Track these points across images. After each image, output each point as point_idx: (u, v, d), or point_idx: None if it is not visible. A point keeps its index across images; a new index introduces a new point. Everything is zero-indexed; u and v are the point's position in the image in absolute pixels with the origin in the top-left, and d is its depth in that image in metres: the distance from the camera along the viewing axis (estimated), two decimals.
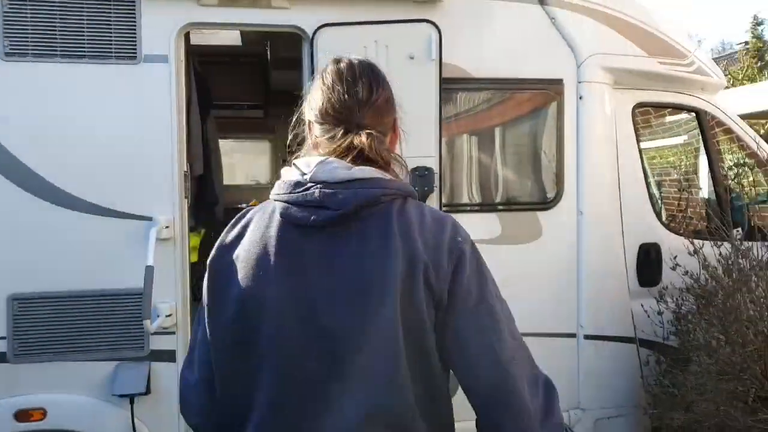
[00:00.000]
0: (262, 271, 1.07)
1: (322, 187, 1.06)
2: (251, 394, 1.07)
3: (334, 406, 1.03)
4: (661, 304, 2.96)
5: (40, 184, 2.48)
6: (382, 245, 1.06)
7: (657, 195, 3.39)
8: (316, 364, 1.04)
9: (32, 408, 2.47)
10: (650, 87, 3.23)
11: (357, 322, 1.02)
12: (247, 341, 1.07)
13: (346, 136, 1.13)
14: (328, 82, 1.18)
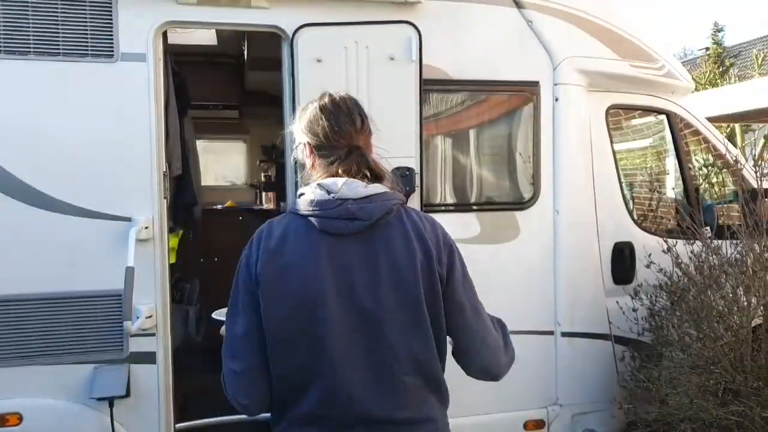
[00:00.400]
0: (313, 272, 1.37)
1: (350, 203, 1.38)
2: (314, 367, 1.36)
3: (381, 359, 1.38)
4: (636, 301, 3.04)
5: (14, 185, 2.43)
6: (404, 245, 1.42)
7: (630, 195, 3.48)
8: (361, 336, 1.38)
9: (7, 413, 2.42)
10: (623, 90, 3.32)
11: (392, 302, 1.39)
12: (305, 327, 1.36)
13: (349, 157, 1.45)
14: (327, 113, 1.48)
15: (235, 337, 1.42)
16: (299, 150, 1.53)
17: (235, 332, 1.42)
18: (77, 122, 2.50)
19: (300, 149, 1.53)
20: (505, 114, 3.10)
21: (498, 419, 3.03)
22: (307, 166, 1.53)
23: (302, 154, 1.54)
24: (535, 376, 3.10)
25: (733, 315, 2.59)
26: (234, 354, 1.42)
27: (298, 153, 1.55)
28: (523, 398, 3.08)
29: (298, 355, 1.38)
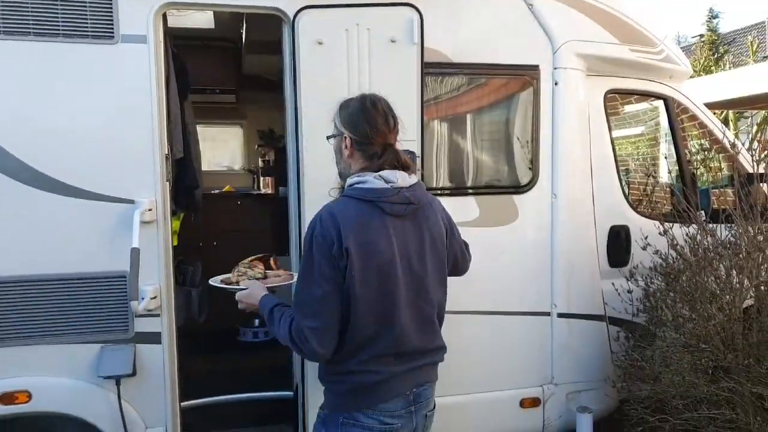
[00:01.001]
0: (387, 246, 1.79)
1: (405, 190, 1.83)
2: (390, 317, 1.81)
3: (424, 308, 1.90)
4: (631, 282, 3.09)
5: (18, 167, 2.44)
6: (436, 221, 1.96)
7: (626, 179, 3.52)
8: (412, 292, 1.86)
9: (16, 390, 2.45)
10: (621, 74, 3.34)
11: (431, 266, 1.91)
12: (384, 288, 1.79)
13: (385, 154, 1.85)
14: (367, 114, 1.85)
15: (313, 300, 1.74)
16: (337, 140, 1.91)
17: (314, 295, 1.74)
18: (79, 104, 2.50)
19: (338, 140, 1.90)
20: (505, 98, 3.12)
21: (496, 397, 3.10)
22: (344, 155, 1.89)
23: (340, 144, 1.90)
24: (531, 356, 3.17)
25: (726, 295, 2.66)
26: (314, 313, 1.75)
27: (335, 141, 1.93)
28: (519, 377, 3.15)
29: (378, 309, 1.79)
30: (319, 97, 2.61)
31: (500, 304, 3.10)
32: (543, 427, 3.19)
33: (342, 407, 1.86)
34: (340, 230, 1.73)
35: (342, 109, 1.90)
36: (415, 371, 1.89)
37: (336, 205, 1.81)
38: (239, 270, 2.28)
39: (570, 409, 3.18)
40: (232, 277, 2.26)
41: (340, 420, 1.84)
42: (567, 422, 3.20)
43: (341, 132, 1.88)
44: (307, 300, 1.76)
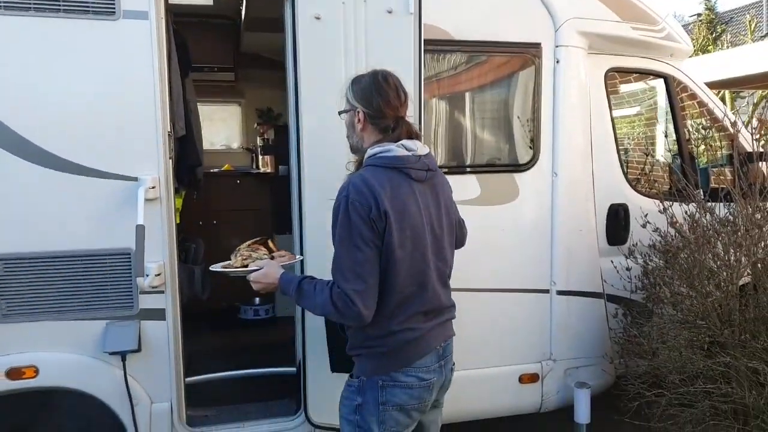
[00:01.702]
0: (416, 209, 1.91)
1: (424, 158, 1.96)
2: (423, 277, 1.94)
3: (442, 268, 2.05)
4: (630, 260, 3.13)
5: (23, 145, 2.43)
6: (446, 186, 2.14)
7: (625, 158, 3.54)
8: (434, 253, 1.99)
9: (24, 366, 2.48)
10: (622, 52, 3.34)
11: (446, 228, 2.06)
12: (419, 247, 1.92)
13: (398, 127, 1.95)
14: (380, 89, 1.94)
15: (356, 263, 1.81)
16: (350, 114, 1.99)
17: (356, 259, 1.81)
18: (80, 81, 2.48)
19: (351, 114, 1.99)
20: (506, 76, 3.12)
21: (495, 372, 3.16)
22: (356, 129, 1.98)
23: (353, 118, 1.98)
24: (530, 333, 3.21)
25: (723, 272, 2.70)
26: (357, 276, 1.81)
27: (347, 116, 2.01)
28: (518, 353, 3.20)
29: (414, 270, 1.90)
30: (318, 73, 2.61)
31: (500, 282, 3.14)
32: (541, 402, 3.25)
33: (381, 369, 1.92)
34: (375, 195, 1.82)
35: (354, 84, 1.98)
36: (441, 327, 2.05)
37: (365, 173, 1.88)
38: (242, 254, 2.22)
39: (568, 384, 3.23)
40: (235, 262, 2.20)
41: (379, 383, 1.92)
42: (565, 398, 3.26)
43: (354, 107, 1.97)
44: (348, 264, 1.81)
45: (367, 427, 1.94)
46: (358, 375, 1.97)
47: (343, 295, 1.80)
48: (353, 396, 1.96)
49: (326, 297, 1.82)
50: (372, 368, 1.94)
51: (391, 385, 1.92)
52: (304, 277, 1.96)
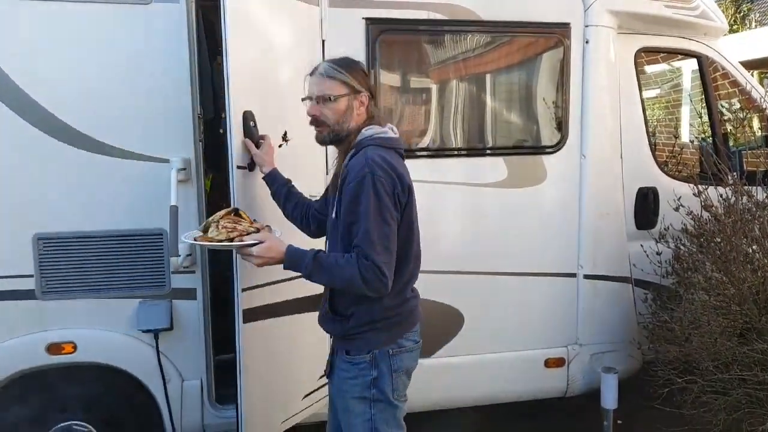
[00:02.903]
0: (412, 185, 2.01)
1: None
2: (420, 244, 2.08)
3: None
4: (660, 244, 3.08)
5: (61, 128, 2.50)
6: None
7: (657, 140, 3.47)
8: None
9: (63, 341, 2.57)
10: (654, 31, 3.26)
11: None
12: (417, 221, 2.05)
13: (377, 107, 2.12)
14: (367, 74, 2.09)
15: (385, 236, 1.86)
16: (348, 98, 1.98)
17: (385, 232, 1.86)
18: (114, 65, 2.53)
19: (349, 98, 1.98)
20: (535, 57, 3.08)
21: (521, 356, 3.15)
22: (354, 113, 1.99)
23: (352, 102, 1.98)
24: (556, 317, 3.20)
25: (760, 257, 2.63)
26: (385, 249, 1.87)
27: (343, 100, 1.97)
28: (544, 337, 3.19)
29: (419, 241, 2.05)
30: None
31: (526, 266, 3.12)
32: (567, 386, 3.24)
33: (392, 339, 2.01)
34: (397, 171, 1.91)
35: (352, 68, 2.00)
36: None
37: (377, 152, 1.91)
38: (224, 226, 1.98)
39: (594, 369, 3.21)
40: (218, 235, 1.97)
41: (389, 352, 1.99)
42: (591, 382, 3.24)
43: (358, 90, 1.99)
44: (379, 237, 1.85)
45: (385, 397, 1.99)
46: (368, 350, 1.98)
47: (374, 267, 1.83)
48: (366, 372, 1.98)
49: (355, 269, 1.83)
50: (386, 338, 1.99)
51: (398, 352, 2.01)
52: (317, 251, 1.93)
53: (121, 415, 2.77)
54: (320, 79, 1.99)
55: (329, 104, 1.97)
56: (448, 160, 2.97)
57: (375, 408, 1.99)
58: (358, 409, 2.00)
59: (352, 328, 1.99)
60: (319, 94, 1.98)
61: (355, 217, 1.86)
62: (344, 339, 2.03)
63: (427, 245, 2.88)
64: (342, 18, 2.73)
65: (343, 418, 2.05)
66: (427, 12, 2.84)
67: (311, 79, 2.03)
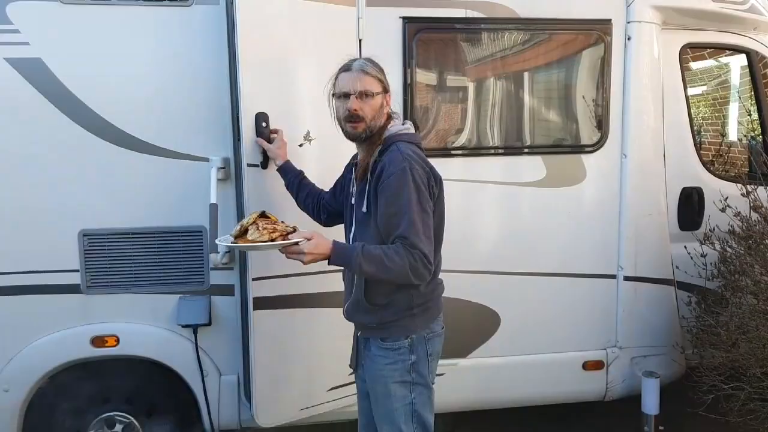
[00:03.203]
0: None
1: None
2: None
3: None
4: (705, 246, 2.98)
5: (104, 127, 2.57)
6: None
7: (701, 139, 3.36)
8: None
9: (106, 335, 2.65)
10: (700, 27, 3.16)
11: None
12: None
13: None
14: None
15: (427, 227, 1.93)
16: (381, 96, 2.04)
17: (427, 223, 1.94)
18: (156, 66, 2.60)
19: (382, 96, 2.04)
20: (574, 54, 3.02)
21: (558, 358, 3.10)
22: (383, 111, 2.04)
23: (382, 100, 2.04)
24: (595, 319, 3.13)
25: None
26: (429, 239, 1.94)
27: (379, 98, 2.03)
28: (583, 339, 3.12)
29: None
30: None
31: (565, 266, 3.07)
32: (606, 390, 3.17)
33: (426, 324, 2.09)
34: (429, 164, 2.00)
35: (382, 69, 2.07)
36: None
37: (407, 146, 1.99)
38: (265, 227, 1.97)
39: (635, 373, 3.13)
40: (261, 236, 1.95)
41: (425, 337, 2.08)
42: (631, 387, 3.16)
43: (387, 89, 2.07)
44: (423, 228, 1.91)
45: (424, 381, 2.08)
46: (405, 335, 2.05)
47: (421, 256, 1.90)
48: (405, 357, 2.05)
49: (406, 260, 1.88)
50: (421, 323, 2.07)
51: (431, 336, 2.10)
52: (362, 244, 1.94)
53: (162, 408, 2.84)
54: (359, 75, 2.00)
55: (369, 100, 1.99)
56: (486, 159, 2.94)
57: (415, 391, 2.06)
58: (400, 393, 2.05)
59: (389, 316, 2.05)
60: (362, 90, 1.99)
61: (396, 209, 1.90)
62: (379, 328, 2.07)
63: (463, 245, 2.91)
64: (379, 17, 2.73)
65: (384, 403, 2.08)
66: (465, 10, 2.81)
67: (346, 76, 2.02)
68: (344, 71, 2.03)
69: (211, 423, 2.81)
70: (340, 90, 2.04)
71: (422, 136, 2.82)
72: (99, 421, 2.78)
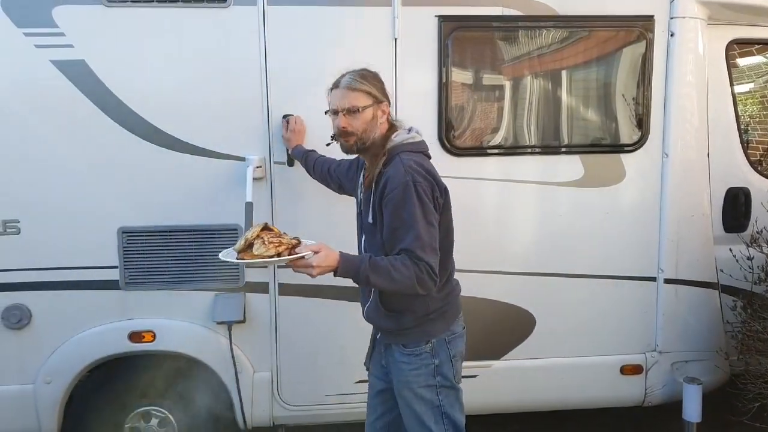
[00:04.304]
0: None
1: None
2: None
3: None
4: (752, 248, 2.87)
5: (144, 127, 2.62)
6: None
7: (749, 138, 3.24)
8: None
9: (144, 330, 2.70)
10: (748, 22, 3.05)
11: None
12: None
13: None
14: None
15: (433, 238, 1.95)
16: (373, 108, 2.04)
17: (432, 234, 1.95)
18: (195, 66, 2.63)
19: (374, 108, 2.05)
20: (614, 51, 2.94)
21: (595, 361, 3.03)
22: (377, 122, 2.05)
23: (376, 112, 2.05)
24: (634, 322, 3.05)
25: None
26: (433, 250, 1.96)
27: (368, 110, 2.04)
28: (621, 343, 3.05)
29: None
30: None
31: (603, 268, 3.00)
32: (645, 395, 3.08)
33: (446, 326, 2.13)
34: (433, 176, 2.02)
35: (371, 79, 2.07)
36: None
37: (410, 157, 2.01)
38: (270, 240, 1.89)
39: (675, 379, 3.04)
40: (268, 251, 1.86)
41: (445, 339, 2.12)
42: (672, 393, 3.07)
43: (381, 100, 2.06)
44: (428, 240, 1.93)
45: (449, 383, 2.12)
46: (426, 340, 2.09)
47: (428, 268, 1.92)
48: (428, 361, 2.09)
49: (412, 271, 1.90)
50: (441, 327, 2.11)
51: (452, 338, 2.14)
52: (369, 255, 1.96)
53: (197, 404, 2.88)
54: (345, 92, 2.04)
55: (357, 115, 2.03)
56: (522, 158, 2.89)
57: (441, 394, 2.11)
58: (427, 397, 2.10)
59: (408, 322, 2.09)
60: (347, 107, 2.03)
61: (401, 223, 1.93)
62: (399, 333, 2.12)
63: (498, 246, 2.87)
64: (415, 16, 2.71)
65: (413, 409, 2.11)
66: (501, 8, 2.77)
67: (335, 93, 2.07)
68: (334, 88, 2.08)
69: (244, 419, 2.84)
70: (330, 107, 2.10)
71: (457, 135, 2.80)
72: (135, 415, 2.83)
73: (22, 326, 2.67)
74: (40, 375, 2.70)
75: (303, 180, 2.70)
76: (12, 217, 2.62)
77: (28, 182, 2.61)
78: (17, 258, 2.63)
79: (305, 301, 2.79)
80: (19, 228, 2.62)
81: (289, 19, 2.66)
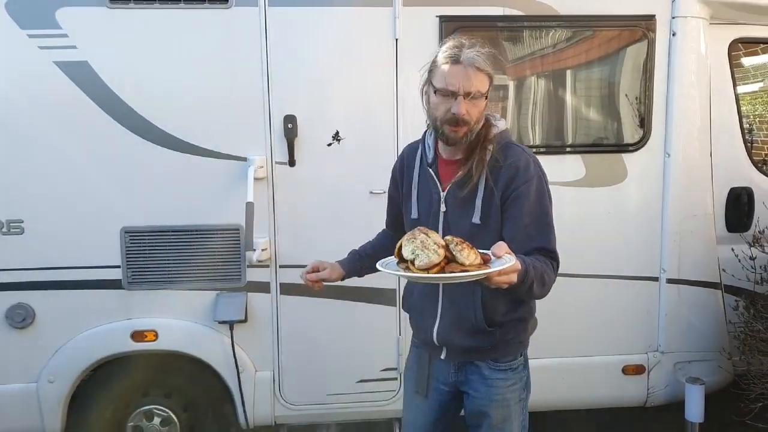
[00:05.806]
0: None
1: None
2: None
3: None
4: (755, 248, 2.86)
5: (146, 127, 2.64)
6: None
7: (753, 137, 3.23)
8: None
9: (146, 329, 2.71)
10: (752, 21, 3.03)
11: None
12: None
13: None
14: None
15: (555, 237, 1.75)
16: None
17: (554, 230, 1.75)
18: (196, 67, 2.64)
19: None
20: (615, 51, 2.94)
21: (597, 362, 3.03)
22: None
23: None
24: (636, 322, 3.05)
25: None
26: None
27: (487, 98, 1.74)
28: (623, 343, 3.04)
29: None
30: None
31: (605, 268, 2.99)
32: (647, 396, 3.08)
33: (529, 334, 1.92)
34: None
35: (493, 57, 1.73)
36: None
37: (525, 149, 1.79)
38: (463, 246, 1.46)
39: (678, 379, 3.03)
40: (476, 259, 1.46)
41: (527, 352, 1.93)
42: (674, 393, 3.06)
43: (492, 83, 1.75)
44: (554, 232, 1.74)
45: (527, 396, 1.93)
46: (521, 351, 1.89)
47: (557, 265, 1.70)
48: (522, 374, 1.88)
49: (555, 274, 1.68)
50: (527, 335, 1.91)
51: (526, 348, 1.93)
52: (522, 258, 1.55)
53: (199, 403, 2.89)
54: (471, 72, 1.63)
55: (477, 102, 1.66)
56: None
57: (525, 408, 1.92)
58: (517, 413, 1.87)
59: (506, 334, 1.81)
60: (473, 90, 1.64)
61: (537, 219, 1.68)
62: (493, 349, 1.82)
63: None
64: (416, 16, 2.71)
65: (502, 427, 1.85)
66: (503, 8, 2.77)
67: (454, 70, 1.64)
68: (452, 63, 1.65)
69: (246, 419, 2.85)
70: (445, 86, 1.65)
71: None
72: (138, 413, 2.85)
73: (26, 325, 2.69)
74: (43, 374, 2.71)
75: (304, 180, 2.72)
76: (16, 217, 2.64)
77: (31, 182, 2.63)
78: (21, 258, 2.65)
79: (307, 301, 2.79)
80: (22, 228, 2.64)
81: (290, 20, 2.66)
